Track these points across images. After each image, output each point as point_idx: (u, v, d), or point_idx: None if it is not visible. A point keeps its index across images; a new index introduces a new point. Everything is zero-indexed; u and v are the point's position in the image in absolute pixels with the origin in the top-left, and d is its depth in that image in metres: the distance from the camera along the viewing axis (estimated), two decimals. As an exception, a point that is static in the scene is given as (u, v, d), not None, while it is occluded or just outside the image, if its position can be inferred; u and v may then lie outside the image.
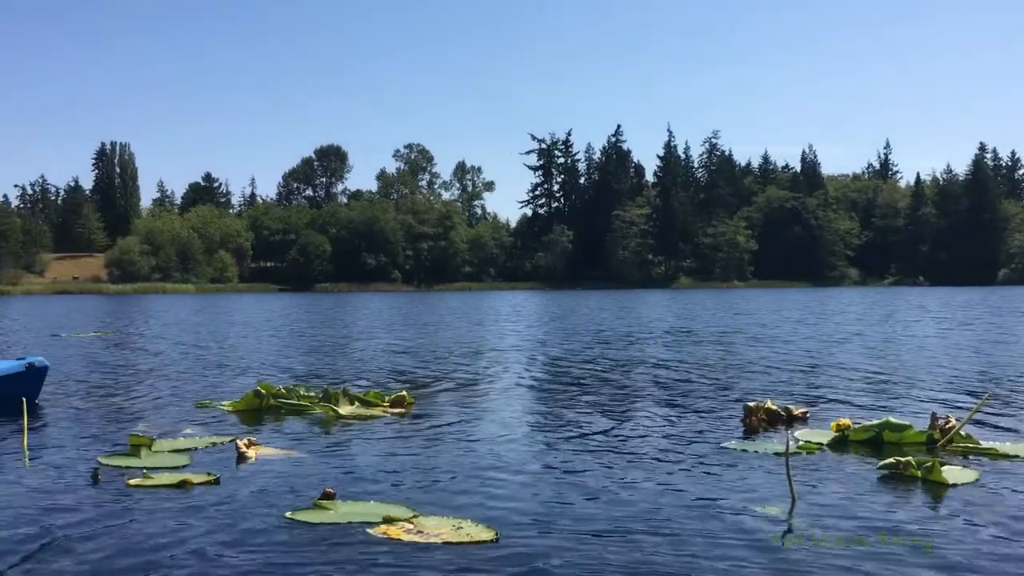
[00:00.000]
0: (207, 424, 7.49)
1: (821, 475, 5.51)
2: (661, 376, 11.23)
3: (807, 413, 7.79)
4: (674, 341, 17.53)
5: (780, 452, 6.23)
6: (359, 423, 7.56)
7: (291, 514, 4.53)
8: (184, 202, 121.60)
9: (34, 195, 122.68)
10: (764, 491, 5.09)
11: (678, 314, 31.07)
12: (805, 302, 43.57)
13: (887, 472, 5.45)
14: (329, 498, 4.76)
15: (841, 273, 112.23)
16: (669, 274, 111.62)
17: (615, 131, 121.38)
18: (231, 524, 4.41)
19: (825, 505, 4.78)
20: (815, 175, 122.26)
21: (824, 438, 6.57)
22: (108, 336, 20.39)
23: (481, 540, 4.17)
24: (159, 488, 5.09)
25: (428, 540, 4.17)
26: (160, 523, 4.41)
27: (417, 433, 7.07)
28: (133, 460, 5.84)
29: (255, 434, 6.93)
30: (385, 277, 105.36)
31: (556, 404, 8.83)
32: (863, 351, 14.54)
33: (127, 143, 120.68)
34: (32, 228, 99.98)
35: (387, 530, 4.29)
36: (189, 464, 5.77)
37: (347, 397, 8.27)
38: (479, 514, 4.56)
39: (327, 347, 16.80)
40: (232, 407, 8.29)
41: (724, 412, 8.10)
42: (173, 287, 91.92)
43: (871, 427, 6.48)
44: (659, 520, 4.51)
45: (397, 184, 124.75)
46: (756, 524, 4.43)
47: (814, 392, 9.49)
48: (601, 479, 5.41)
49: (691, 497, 4.96)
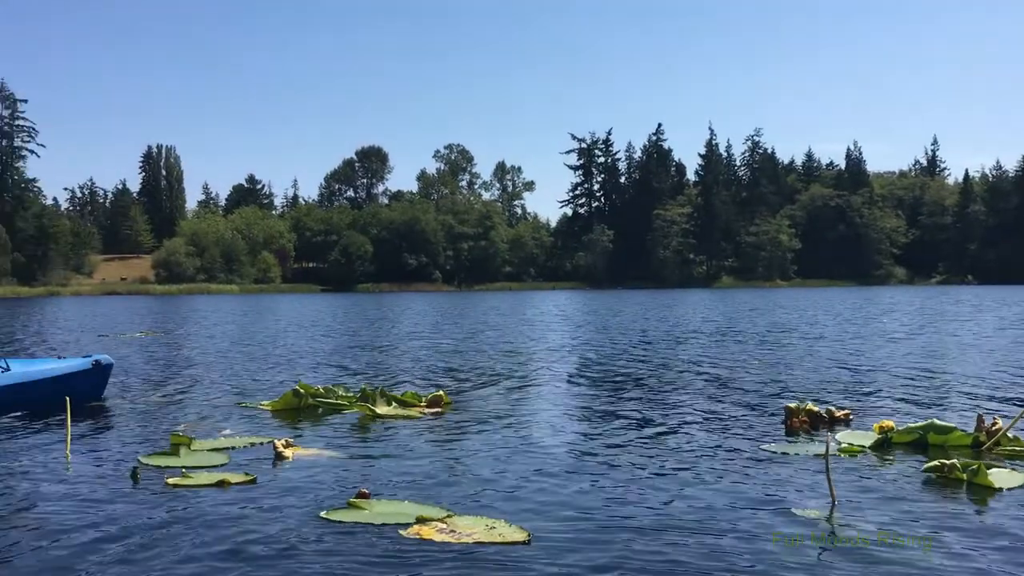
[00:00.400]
0: (246, 423, 7.56)
1: (863, 477, 5.41)
2: (702, 377, 11.13)
3: (850, 415, 7.66)
4: (715, 341, 17.37)
5: (820, 454, 6.14)
6: (396, 423, 7.58)
7: (325, 513, 4.54)
8: (228, 204, 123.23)
9: (83, 198, 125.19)
10: (804, 493, 5.01)
11: (719, 314, 30.81)
12: (850, 301, 42.97)
13: (931, 475, 5.33)
14: (363, 498, 4.77)
15: (887, 272, 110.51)
16: (711, 274, 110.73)
17: (656, 130, 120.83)
18: (266, 523, 4.43)
19: (866, 508, 4.68)
20: (860, 172, 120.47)
21: (866, 440, 6.45)
22: (153, 336, 20.70)
23: (514, 540, 4.15)
24: (197, 487, 5.14)
25: (460, 540, 4.16)
26: (196, 522, 4.45)
27: (453, 434, 7.07)
28: (173, 459, 5.91)
29: (293, 434, 6.99)
30: (426, 277, 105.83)
31: (595, 404, 8.78)
32: (909, 351, 14.29)
33: (173, 146, 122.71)
34: (81, 230, 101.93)
35: (420, 530, 4.29)
36: (227, 463, 5.82)
37: (384, 397, 8.30)
38: (513, 514, 4.54)
39: (368, 347, 16.89)
40: (271, 407, 8.37)
41: (765, 413, 8.00)
42: (218, 288, 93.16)
43: (915, 429, 6.36)
44: (694, 521, 4.46)
45: (437, 184, 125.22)
46: (795, 526, 4.35)
47: (857, 393, 9.33)
48: (637, 480, 5.36)
49: (729, 499, 4.89)
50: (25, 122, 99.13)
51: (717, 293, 72.09)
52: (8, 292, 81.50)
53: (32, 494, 5.17)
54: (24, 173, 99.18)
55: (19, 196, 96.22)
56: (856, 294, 60.22)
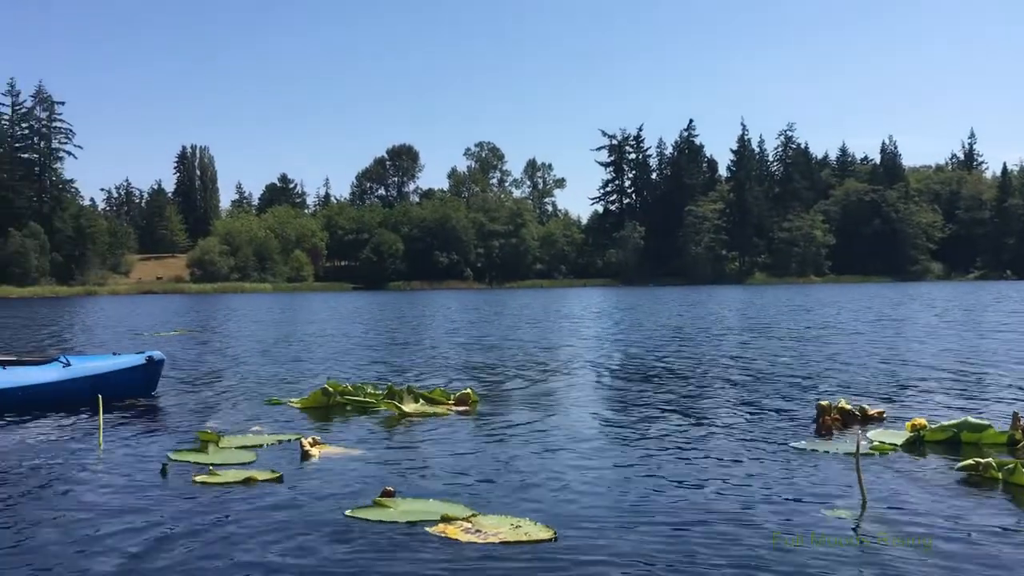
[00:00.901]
0: (275, 421, 7.60)
1: (894, 476, 5.31)
2: (733, 374, 11.03)
3: (883, 413, 7.54)
4: (748, 338, 17.22)
5: (851, 452, 6.06)
6: (423, 421, 7.58)
7: (350, 512, 4.54)
8: (261, 203, 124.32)
9: (119, 198, 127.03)
10: (833, 492, 4.93)
11: (752, 310, 30.56)
12: (885, 297, 42.44)
13: (965, 474, 5.23)
14: (389, 496, 4.76)
15: (923, 267, 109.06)
16: (743, 270, 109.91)
17: (687, 125, 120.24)
18: (291, 521, 4.44)
19: (897, 508, 4.60)
20: (895, 167, 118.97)
21: (898, 438, 6.34)
22: (186, 334, 20.91)
23: (539, 539, 4.13)
24: (224, 485, 5.16)
25: (486, 539, 4.14)
26: (222, 519, 4.47)
27: (480, 431, 7.06)
28: (201, 456, 5.95)
29: (320, 431, 7.01)
30: (457, 275, 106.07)
31: (625, 402, 8.72)
32: (945, 348, 14.05)
33: (206, 146, 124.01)
34: (118, 230, 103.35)
35: (445, 529, 4.27)
36: (254, 461, 5.85)
37: (411, 395, 8.30)
38: (539, 513, 4.51)
39: (400, 344, 16.95)
40: (301, 404, 8.40)
41: (797, 411, 7.90)
42: (252, 286, 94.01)
43: (948, 427, 6.24)
44: (721, 520, 4.40)
45: (468, 182, 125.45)
46: (824, 526, 4.29)
47: (892, 391, 9.19)
48: (664, 478, 5.31)
49: (757, 498, 4.83)
50: (62, 124, 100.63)
51: (750, 289, 71.55)
52: (47, 292, 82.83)
53: (62, 488, 5.23)
54: (62, 174, 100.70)
55: (57, 197, 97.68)
56: (892, 290, 59.49)
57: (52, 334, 21.73)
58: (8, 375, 8.21)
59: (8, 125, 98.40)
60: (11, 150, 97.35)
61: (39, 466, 5.82)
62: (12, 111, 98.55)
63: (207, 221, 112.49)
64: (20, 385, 8.15)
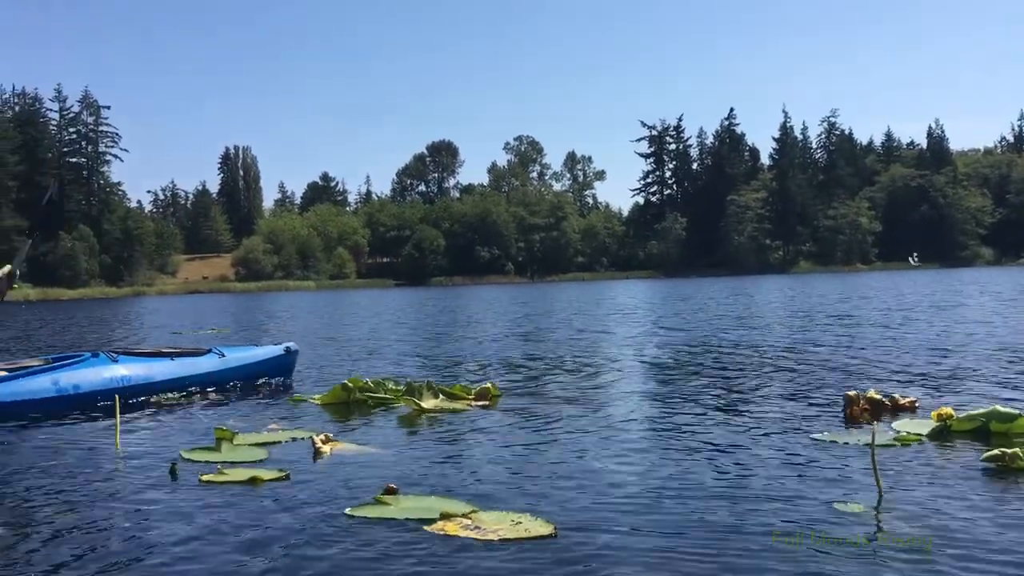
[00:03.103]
0: (293, 418, 7.60)
1: (915, 468, 5.13)
2: (766, 364, 10.83)
3: (916, 402, 7.31)
4: (785, 328, 16.93)
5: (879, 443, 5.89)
6: (441, 417, 7.52)
7: (351, 510, 4.49)
8: (303, 202, 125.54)
9: (165, 200, 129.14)
10: (848, 486, 4.77)
11: (793, 299, 30.10)
12: (932, 284, 41.58)
13: (991, 465, 5.03)
14: (391, 493, 4.71)
15: (973, 253, 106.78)
16: (788, 259, 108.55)
17: (728, 114, 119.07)
18: (291, 521, 4.40)
19: (915, 501, 4.43)
20: (943, 151, 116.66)
21: (924, 428, 6.15)
22: (224, 333, 21.12)
23: (539, 535, 4.04)
24: (229, 484, 5.14)
25: (485, 536, 4.06)
26: (221, 520, 4.44)
27: (497, 427, 6.98)
28: (213, 454, 5.94)
29: (337, 428, 6.99)
30: (498, 270, 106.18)
31: (652, 399, 8.55)
32: (989, 336, 13.63)
33: (249, 147, 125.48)
34: (164, 231, 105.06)
35: (444, 526, 4.21)
36: (266, 459, 5.83)
37: (431, 390, 8.23)
38: (543, 510, 4.42)
39: (437, 339, 16.95)
40: (321, 401, 8.39)
41: (826, 401, 7.71)
42: (295, 284, 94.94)
43: (976, 416, 6.03)
44: (726, 516, 4.28)
45: (508, 176, 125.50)
46: (832, 521, 4.14)
47: (931, 380, 8.90)
48: (675, 474, 5.19)
49: (770, 492, 4.69)
50: (108, 128, 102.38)
51: (794, 278, 70.57)
52: (97, 293, 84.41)
53: (72, 484, 5.26)
54: (109, 177, 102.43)
55: (105, 200, 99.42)
56: (940, 276, 58.26)
57: (105, 334, 22.08)
58: (187, 364, 9.43)
59: (56, 130, 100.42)
60: (60, 155, 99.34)
61: (53, 466, 5.85)
62: (60, 116, 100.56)
63: (251, 221, 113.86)
64: (199, 373, 9.47)
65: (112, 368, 8.77)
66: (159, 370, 9.10)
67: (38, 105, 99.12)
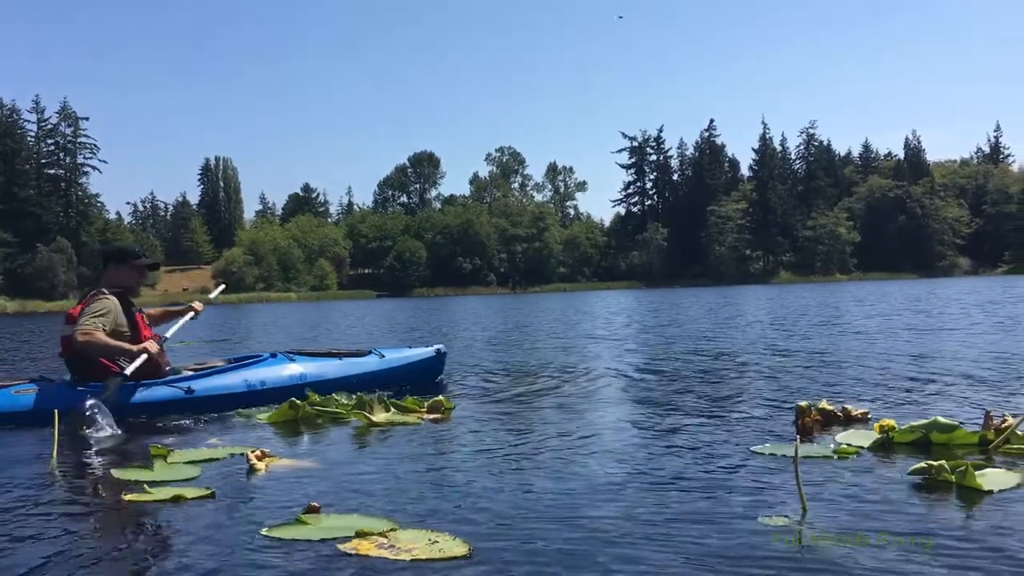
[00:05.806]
0: (236, 435, 7.44)
1: (845, 481, 5.07)
2: (727, 375, 10.77)
3: (868, 413, 7.28)
4: (760, 336, 16.91)
5: (819, 455, 5.87)
6: (390, 431, 7.41)
7: (267, 530, 4.38)
8: (284, 213, 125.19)
9: (145, 211, 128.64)
10: (777, 499, 4.71)
11: (769, 310, 30.15)
12: (910, 294, 41.77)
13: (916, 479, 4.99)
14: (313, 512, 4.61)
15: (951, 263, 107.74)
16: (768, 269, 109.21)
17: (708, 125, 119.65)
18: (204, 541, 4.28)
19: (837, 515, 4.35)
20: (920, 162, 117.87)
21: (866, 440, 6.10)
22: (191, 346, 20.90)
23: (452, 556, 3.95)
24: (151, 503, 5.01)
25: (397, 556, 3.96)
26: (130, 541, 4.31)
27: (443, 441, 6.88)
28: (144, 473, 5.79)
29: (278, 444, 6.87)
30: (480, 280, 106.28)
31: (612, 415, 8.30)
32: (958, 345, 13.60)
33: (229, 158, 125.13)
34: (144, 243, 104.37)
35: (358, 545, 4.11)
36: (197, 477, 5.69)
37: (382, 404, 8.13)
38: (465, 528, 4.32)
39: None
40: (268, 419, 8.21)
41: (780, 413, 7.64)
42: (276, 296, 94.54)
43: (917, 428, 5.98)
44: (644, 534, 4.18)
45: (490, 187, 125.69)
46: (757, 535, 4.07)
47: (889, 390, 8.84)
48: (604, 490, 5.09)
49: (696, 507, 4.61)
50: (87, 139, 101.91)
51: (774, 288, 70.81)
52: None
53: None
54: (87, 189, 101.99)
55: (83, 211, 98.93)
56: (918, 286, 58.52)
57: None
58: (354, 364, 9.83)
59: (34, 142, 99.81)
60: (38, 166, 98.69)
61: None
62: (38, 127, 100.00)
63: (232, 232, 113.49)
64: (364, 372, 9.82)
65: (291, 367, 9.35)
66: (330, 369, 9.52)
67: (16, 116, 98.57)
